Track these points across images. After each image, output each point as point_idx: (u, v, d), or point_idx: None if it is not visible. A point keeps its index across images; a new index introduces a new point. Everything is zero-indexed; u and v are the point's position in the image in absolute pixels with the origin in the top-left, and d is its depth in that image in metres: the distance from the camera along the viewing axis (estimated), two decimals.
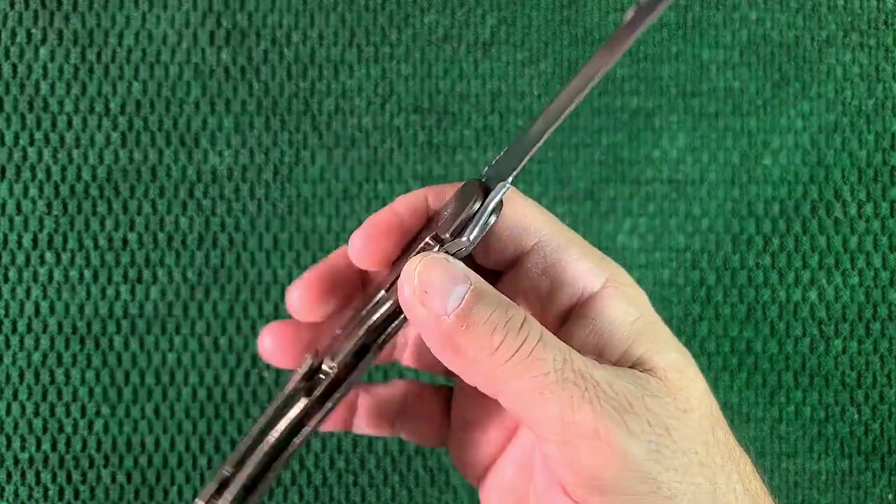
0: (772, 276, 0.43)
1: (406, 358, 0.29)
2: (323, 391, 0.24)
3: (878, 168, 0.44)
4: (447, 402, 0.28)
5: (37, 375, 0.42)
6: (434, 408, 0.28)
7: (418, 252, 0.22)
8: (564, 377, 0.19)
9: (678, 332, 0.42)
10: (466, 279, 0.20)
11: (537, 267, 0.23)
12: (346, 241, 0.25)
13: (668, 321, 0.23)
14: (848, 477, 0.43)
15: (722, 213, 0.44)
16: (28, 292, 0.43)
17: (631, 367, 0.21)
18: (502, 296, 0.21)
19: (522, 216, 0.23)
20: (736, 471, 0.21)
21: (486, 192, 0.21)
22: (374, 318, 0.23)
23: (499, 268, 0.25)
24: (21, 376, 0.42)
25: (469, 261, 0.23)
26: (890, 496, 0.43)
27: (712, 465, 0.20)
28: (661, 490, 0.19)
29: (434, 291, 0.20)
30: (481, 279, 0.21)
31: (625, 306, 0.22)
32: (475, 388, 0.21)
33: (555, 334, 0.21)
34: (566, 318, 0.23)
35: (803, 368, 0.43)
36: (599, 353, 0.21)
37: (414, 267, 0.20)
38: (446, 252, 0.22)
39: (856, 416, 0.43)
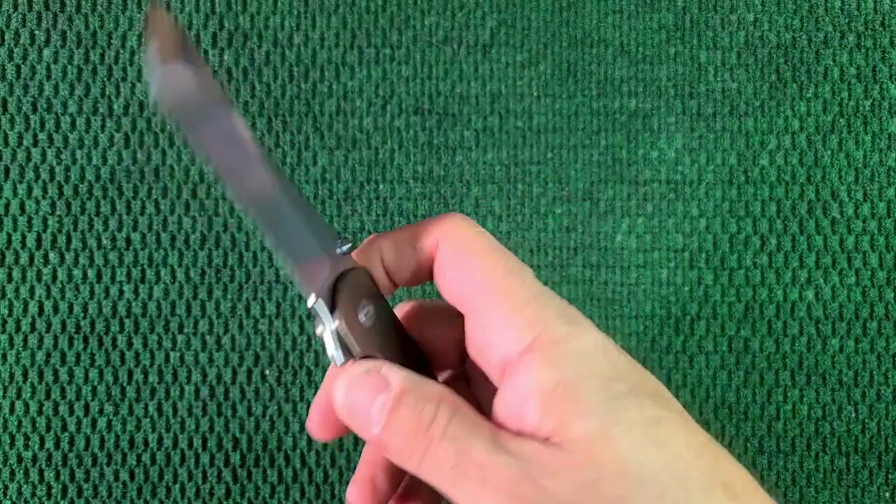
0: (769, 276, 0.44)
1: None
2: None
3: (874, 168, 0.44)
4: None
5: (40, 374, 0.43)
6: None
7: None
8: (461, 470, 0.19)
9: (676, 331, 0.43)
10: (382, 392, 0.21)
11: (474, 332, 0.22)
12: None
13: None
14: (845, 475, 0.43)
15: (719, 213, 0.44)
16: (32, 292, 0.43)
17: (546, 438, 0.19)
18: (421, 387, 0.21)
19: (457, 287, 0.22)
20: None
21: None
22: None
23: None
24: (25, 375, 0.42)
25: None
26: (887, 494, 0.43)
27: None
28: None
29: (357, 416, 0.21)
30: (401, 377, 0.21)
31: (541, 373, 0.20)
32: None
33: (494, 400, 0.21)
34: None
35: (800, 367, 0.43)
36: (520, 424, 0.20)
37: (338, 387, 0.21)
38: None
39: (853, 415, 0.43)
